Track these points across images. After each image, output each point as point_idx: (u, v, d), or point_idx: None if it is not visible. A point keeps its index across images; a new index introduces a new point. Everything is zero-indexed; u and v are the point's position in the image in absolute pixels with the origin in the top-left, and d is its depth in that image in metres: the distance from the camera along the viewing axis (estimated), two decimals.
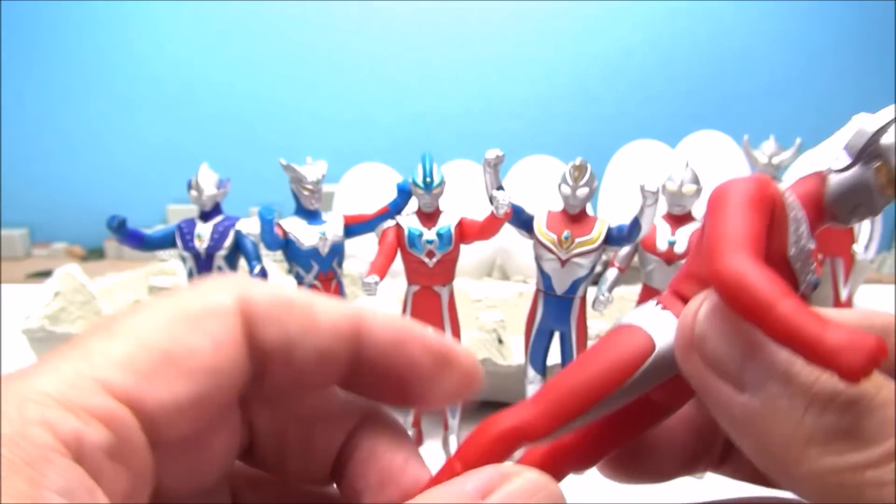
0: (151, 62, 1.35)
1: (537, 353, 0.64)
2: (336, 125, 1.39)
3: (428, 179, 0.59)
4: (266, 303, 0.18)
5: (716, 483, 0.31)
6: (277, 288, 0.19)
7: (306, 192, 0.62)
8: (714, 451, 0.23)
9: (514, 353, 0.73)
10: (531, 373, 0.64)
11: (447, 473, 0.19)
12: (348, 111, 1.38)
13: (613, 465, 0.22)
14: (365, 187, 0.99)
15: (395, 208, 0.64)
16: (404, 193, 0.63)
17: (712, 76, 1.33)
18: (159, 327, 0.16)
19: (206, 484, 0.19)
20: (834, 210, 0.21)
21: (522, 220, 0.61)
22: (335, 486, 0.21)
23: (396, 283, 0.83)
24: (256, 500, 0.21)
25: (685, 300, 0.20)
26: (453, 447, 0.65)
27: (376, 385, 0.20)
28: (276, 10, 1.32)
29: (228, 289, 0.18)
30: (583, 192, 0.58)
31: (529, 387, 0.65)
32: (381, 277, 0.57)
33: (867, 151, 0.22)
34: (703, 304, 0.18)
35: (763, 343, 0.16)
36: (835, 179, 0.21)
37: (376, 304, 0.78)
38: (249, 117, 1.38)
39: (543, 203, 0.63)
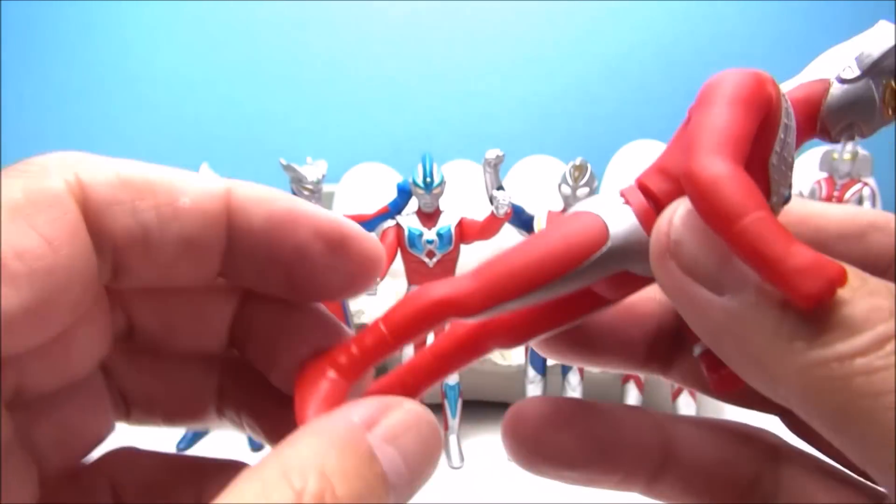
0: (151, 63, 1.35)
1: (537, 354, 0.64)
2: (336, 125, 1.39)
3: (428, 179, 0.59)
4: (111, 185, 0.15)
5: None
6: (126, 165, 0.16)
7: (306, 192, 0.62)
8: (659, 350, 0.21)
9: (514, 353, 0.73)
10: (531, 373, 0.64)
11: (372, 333, 0.18)
12: (348, 111, 1.38)
13: (545, 341, 0.21)
14: (365, 187, 0.99)
15: (395, 208, 0.64)
16: (404, 193, 0.63)
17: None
18: None
19: (76, 377, 0.17)
20: (827, 123, 0.19)
21: (523, 220, 0.61)
22: (236, 351, 0.20)
23: (396, 283, 0.83)
24: (139, 379, 0.19)
25: (649, 194, 0.19)
26: (453, 448, 0.65)
27: (259, 274, 0.17)
28: (276, 10, 1.32)
29: (59, 170, 0.15)
30: (583, 192, 0.58)
31: (530, 386, 0.65)
32: (381, 277, 0.57)
33: (882, 65, 0.21)
34: (678, 208, 0.17)
35: None
36: (839, 90, 0.20)
37: (376, 304, 0.78)
38: (249, 117, 1.38)
39: (543, 203, 0.63)
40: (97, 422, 0.18)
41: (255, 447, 0.66)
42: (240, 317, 0.19)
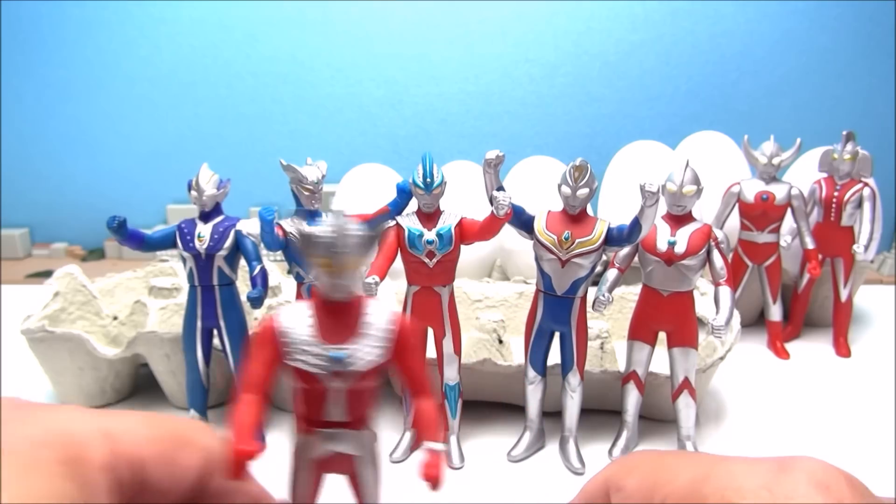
0: (151, 62, 1.35)
1: (537, 354, 0.64)
2: (336, 125, 1.39)
3: (428, 180, 0.59)
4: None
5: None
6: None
7: (306, 193, 0.62)
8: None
9: (515, 354, 0.73)
10: (531, 373, 0.64)
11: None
12: (348, 111, 1.38)
13: None
14: (365, 187, 0.99)
15: (395, 208, 0.64)
16: (404, 193, 0.63)
17: (712, 76, 1.33)
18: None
19: None
20: None
21: (523, 221, 0.61)
22: None
23: (396, 284, 0.83)
24: None
25: None
26: (453, 448, 0.65)
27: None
28: (276, 10, 1.32)
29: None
30: (583, 192, 0.58)
31: (529, 387, 0.65)
32: (382, 278, 0.57)
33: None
34: None
35: None
36: None
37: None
38: (249, 117, 1.38)
39: (543, 203, 0.63)
40: None
41: None
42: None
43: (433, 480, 0.34)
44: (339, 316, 0.35)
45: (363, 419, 0.38)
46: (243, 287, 0.66)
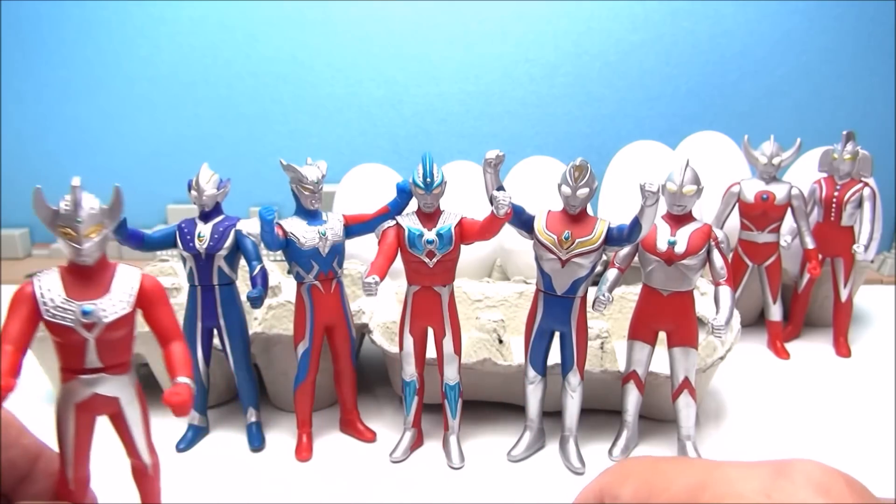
0: (151, 62, 1.35)
1: (537, 354, 0.64)
2: (336, 125, 1.39)
3: (428, 179, 0.59)
4: None
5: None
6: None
7: (306, 193, 0.62)
8: None
9: (515, 354, 0.73)
10: (531, 373, 0.64)
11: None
12: (348, 111, 1.38)
13: None
14: (365, 187, 0.99)
15: (395, 208, 0.64)
16: (404, 193, 0.63)
17: (712, 76, 1.33)
18: None
19: None
20: None
21: (523, 221, 0.61)
22: None
23: (396, 284, 0.83)
24: None
25: None
26: (453, 448, 0.65)
27: None
28: (276, 10, 1.32)
29: None
30: (583, 192, 0.58)
31: (529, 387, 0.65)
32: (382, 277, 0.57)
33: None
34: None
35: None
36: None
37: (376, 304, 0.78)
38: (249, 117, 1.38)
39: (543, 203, 0.63)
40: None
41: (255, 447, 0.66)
42: None
43: (175, 405, 0.41)
44: (87, 277, 0.42)
45: (120, 364, 0.43)
46: (243, 287, 0.66)
